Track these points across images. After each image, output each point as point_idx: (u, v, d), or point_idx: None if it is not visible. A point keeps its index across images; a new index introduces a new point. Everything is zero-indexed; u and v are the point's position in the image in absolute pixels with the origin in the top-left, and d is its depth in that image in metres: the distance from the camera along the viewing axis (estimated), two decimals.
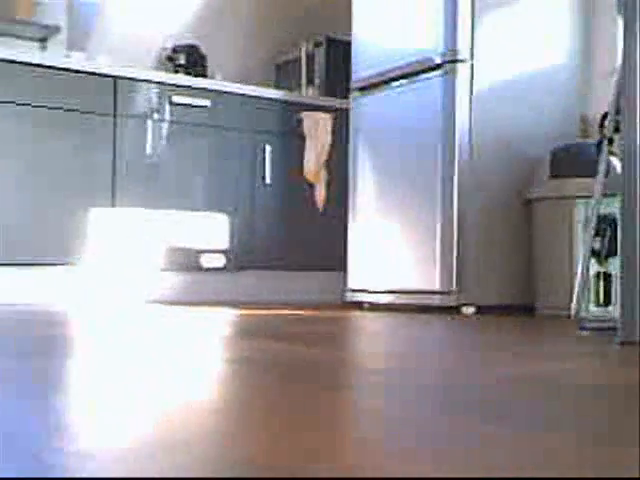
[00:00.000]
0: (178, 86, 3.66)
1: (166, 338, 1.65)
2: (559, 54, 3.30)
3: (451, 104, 2.99)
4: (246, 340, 1.62)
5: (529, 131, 3.18)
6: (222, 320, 2.30)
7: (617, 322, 1.76)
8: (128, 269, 3.50)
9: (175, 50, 4.09)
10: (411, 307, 3.16)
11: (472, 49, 3.02)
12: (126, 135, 3.51)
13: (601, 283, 2.67)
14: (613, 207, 2.35)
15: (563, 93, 3.30)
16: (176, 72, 3.99)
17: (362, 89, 3.43)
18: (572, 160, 2.94)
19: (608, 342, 1.76)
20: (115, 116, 3.49)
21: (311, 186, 3.94)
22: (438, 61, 3.04)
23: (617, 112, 1.80)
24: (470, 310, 3.00)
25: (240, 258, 3.76)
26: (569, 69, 3.32)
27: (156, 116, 3.57)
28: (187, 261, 3.63)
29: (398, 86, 3.21)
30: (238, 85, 3.81)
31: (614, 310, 2.38)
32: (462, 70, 3.00)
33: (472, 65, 3.02)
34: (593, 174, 2.63)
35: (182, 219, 3.63)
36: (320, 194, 3.93)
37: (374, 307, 3.36)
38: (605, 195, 2.35)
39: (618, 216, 1.80)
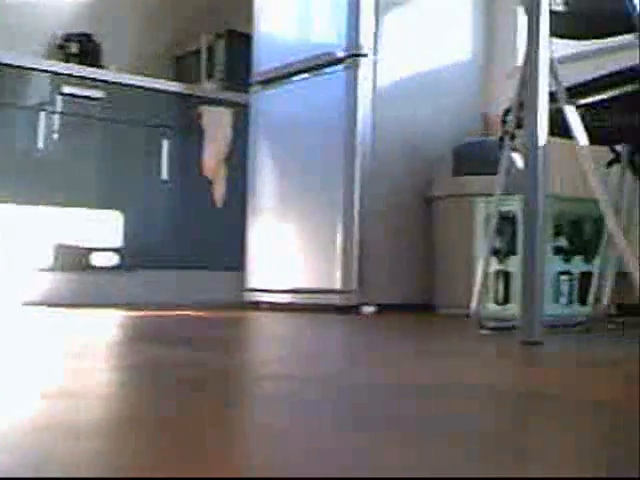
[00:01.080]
0: (70, 76, 3.47)
1: (30, 343, 1.52)
2: (462, 53, 3.29)
3: (353, 100, 2.94)
4: (128, 345, 1.50)
5: (432, 129, 3.15)
6: (108, 323, 2.17)
7: (516, 321, 1.73)
8: (7, 268, 3.30)
9: (67, 38, 3.89)
10: (311, 307, 3.08)
11: (375, 44, 2.98)
12: (13, 127, 3.31)
13: (500, 282, 2.66)
14: (514, 205, 2.34)
15: (465, 91, 3.29)
16: (68, 61, 3.80)
17: (263, 83, 3.34)
18: (474, 158, 2.93)
19: (508, 341, 1.72)
20: (0, 107, 3.29)
21: (210, 183, 3.82)
22: (340, 55, 2.98)
23: (519, 107, 1.77)
24: (370, 309, 2.95)
25: (134, 257, 3.60)
26: (472, 68, 3.32)
27: (46, 107, 3.38)
28: (76, 260, 3.45)
29: (300, 80, 3.14)
30: (134, 76, 3.66)
31: (513, 309, 2.37)
32: (365, 65, 2.95)
33: (375, 61, 2.98)
34: (495, 172, 2.62)
35: (72, 216, 3.44)
36: (219, 191, 3.81)
37: (273, 307, 3.27)
38: (508, 193, 2.33)
39: (519, 214, 1.77)
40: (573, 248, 2.69)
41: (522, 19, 3.01)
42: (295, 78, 3.17)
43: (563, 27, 2.02)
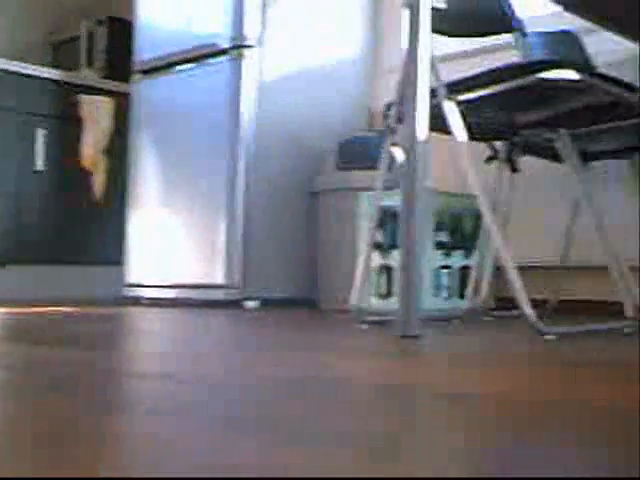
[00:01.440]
0: None
1: None
2: (349, 47, 3.29)
3: (237, 92, 2.89)
4: None
5: (318, 123, 3.14)
6: None
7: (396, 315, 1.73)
8: None
9: None
10: (194, 302, 3.02)
11: (260, 36, 2.94)
12: None
13: (383, 276, 2.68)
14: (396, 200, 2.35)
15: (352, 86, 3.30)
16: None
17: (145, 72, 3.25)
18: (358, 152, 2.93)
19: (387, 336, 1.72)
20: None
21: (89, 174, 3.68)
22: (224, 46, 2.93)
23: (401, 102, 1.77)
24: (254, 305, 2.92)
25: (5, 252, 3.44)
26: (359, 62, 3.33)
27: None
28: None
29: (183, 71, 3.06)
30: (8, 62, 3.49)
31: (395, 303, 2.38)
32: (249, 57, 2.90)
33: (260, 52, 2.94)
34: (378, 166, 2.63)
35: None
36: (98, 183, 3.69)
37: (155, 303, 3.19)
38: (390, 188, 2.34)
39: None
40: (454, 243, 2.74)
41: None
42: (178, 68, 3.09)
43: (444, 24, 2.04)
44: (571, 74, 1.68)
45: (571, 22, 2.64)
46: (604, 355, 1.35)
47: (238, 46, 2.90)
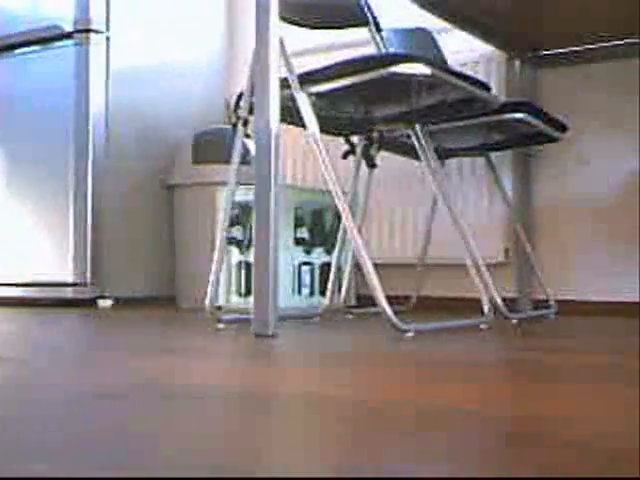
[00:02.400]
0: None
1: None
2: (206, 38, 3.20)
3: (85, 79, 2.74)
4: None
5: (174, 114, 3.03)
6: None
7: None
8: None
9: None
10: (43, 301, 2.85)
11: (108, 19, 2.79)
12: None
13: (242, 273, 2.61)
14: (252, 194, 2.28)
15: (209, 77, 3.20)
16: None
17: None
18: (214, 145, 2.85)
19: (242, 335, 1.65)
20: None
21: None
22: (68, 29, 2.76)
23: (252, 92, 1.70)
24: (107, 303, 2.78)
25: None
26: (216, 53, 3.24)
27: None
28: None
29: (26, 54, 2.87)
30: None
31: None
32: (96, 42, 2.75)
33: (108, 38, 2.79)
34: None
35: None
36: None
37: (1, 302, 2.99)
38: (249, 183, 2.27)
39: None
40: (314, 239, 2.70)
41: None
42: (20, 51, 2.89)
43: (298, 15, 1.99)
44: (423, 68, 1.66)
45: (427, 21, 2.66)
46: (458, 352, 1.33)
47: (83, 30, 2.74)
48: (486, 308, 1.96)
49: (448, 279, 2.83)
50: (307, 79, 1.75)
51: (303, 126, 1.78)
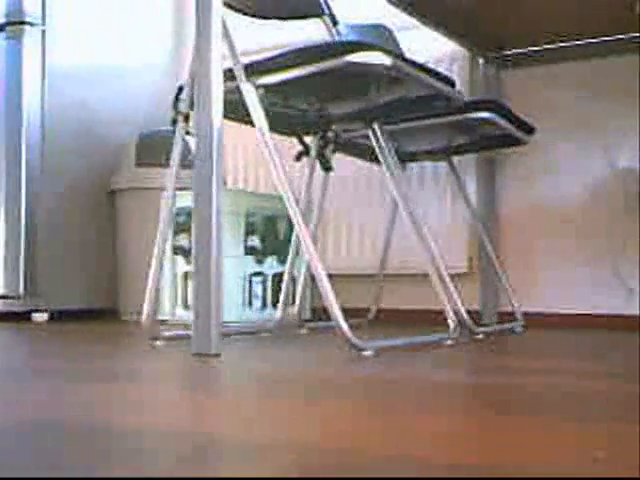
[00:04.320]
0: None
1: None
2: (153, 34, 3.01)
3: (18, 76, 2.53)
4: None
5: (117, 114, 2.84)
6: None
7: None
8: None
9: None
10: None
11: (44, 12, 2.59)
12: None
13: (189, 283, 2.43)
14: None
15: (157, 76, 3.02)
16: None
17: None
18: (159, 147, 2.66)
19: (181, 354, 1.48)
20: None
21: None
22: (0, 21, 2.56)
23: (193, 85, 1.53)
24: (43, 317, 2.57)
25: None
26: (163, 51, 3.05)
27: None
28: None
29: None
30: None
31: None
32: (31, 36, 2.55)
33: (44, 31, 2.59)
34: (183, 163, 2.37)
35: None
36: None
37: None
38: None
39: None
40: (267, 248, 2.53)
41: None
42: None
43: (249, 3, 1.82)
44: (384, 58, 1.50)
45: (383, 17, 2.52)
46: (420, 376, 1.17)
47: (16, 22, 2.54)
48: (451, 322, 1.81)
49: (410, 290, 2.67)
50: (254, 69, 1.58)
51: (250, 123, 1.61)
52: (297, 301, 2.22)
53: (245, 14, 1.81)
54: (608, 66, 2.44)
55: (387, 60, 1.51)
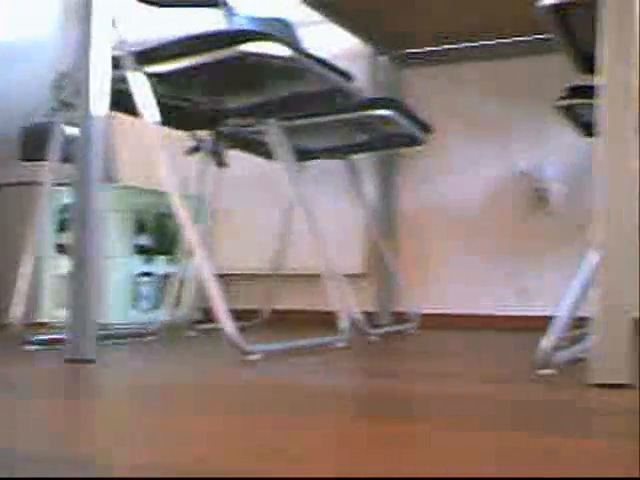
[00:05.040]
0: None
1: None
2: (39, 19, 2.86)
3: None
4: None
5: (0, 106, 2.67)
6: None
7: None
8: None
9: None
10: None
11: None
12: None
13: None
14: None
15: (43, 65, 2.86)
16: None
17: None
18: (45, 140, 2.51)
19: (55, 360, 1.37)
20: None
21: None
22: None
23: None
24: None
25: None
26: (51, 38, 2.90)
27: None
28: None
29: None
30: None
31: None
32: None
33: None
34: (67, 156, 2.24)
35: None
36: None
37: None
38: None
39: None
40: (157, 247, 2.43)
41: None
42: None
43: None
44: (281, 49, 1.44)
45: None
46: (306, 383, 1.10)
47: None
48: (343, 324, 1.76)
49: (305, 291, 2.62)
50: (144, 57, 1.48)
51: (137, 114, 1.52)
52: (185, 302, 2.12)
53: (139, 0, 1.71)
54: (510, 67, 2.44)
55: (284, 51, 1.44)
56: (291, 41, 1.58)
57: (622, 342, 1.07)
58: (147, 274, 2.38)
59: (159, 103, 1.55)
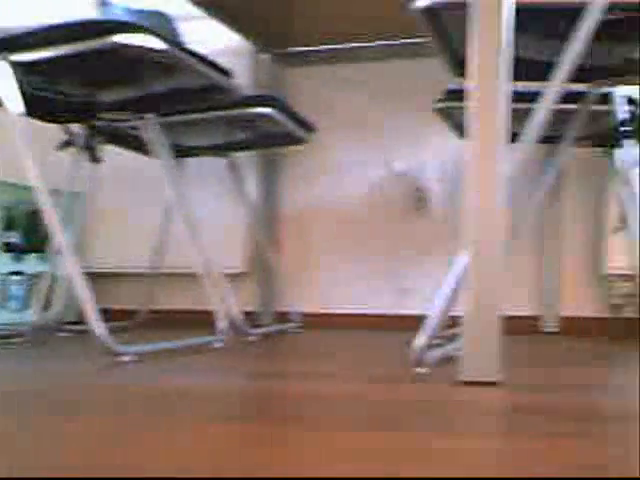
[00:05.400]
0: None
1: None
2: None
3: None
4: None
5: None
6: None
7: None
8: None
9: None
10: None
11: None
12: None
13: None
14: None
15: None
16: None
17: None
18: None
19: None
20: None
21: None
22: None
23: None
24: None
25: None
26: None
27: None
28: None
29: None
30: None
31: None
32: None
33: None
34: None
35: None
36: None
37: None
38: None
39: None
40: (28, 245, 2.32)
41: None
42: None
43: None
44: (155, 42, 1.39)
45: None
46: (175, 385, 1.07)
47: None
48: (221, 324, 1.73)
49: (185, 290, 2.57)
50: (8, 44, 1.41)
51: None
52: (57, 302, 2.04)
53: None
54: (394, 68, 2.46)
55: (159, 44, 1.40)
56: (167, 34, 1.53)
57: (492, 341, 1.09)
58: (17, 273, 2.27)
59: (26, 94, 1.47)
